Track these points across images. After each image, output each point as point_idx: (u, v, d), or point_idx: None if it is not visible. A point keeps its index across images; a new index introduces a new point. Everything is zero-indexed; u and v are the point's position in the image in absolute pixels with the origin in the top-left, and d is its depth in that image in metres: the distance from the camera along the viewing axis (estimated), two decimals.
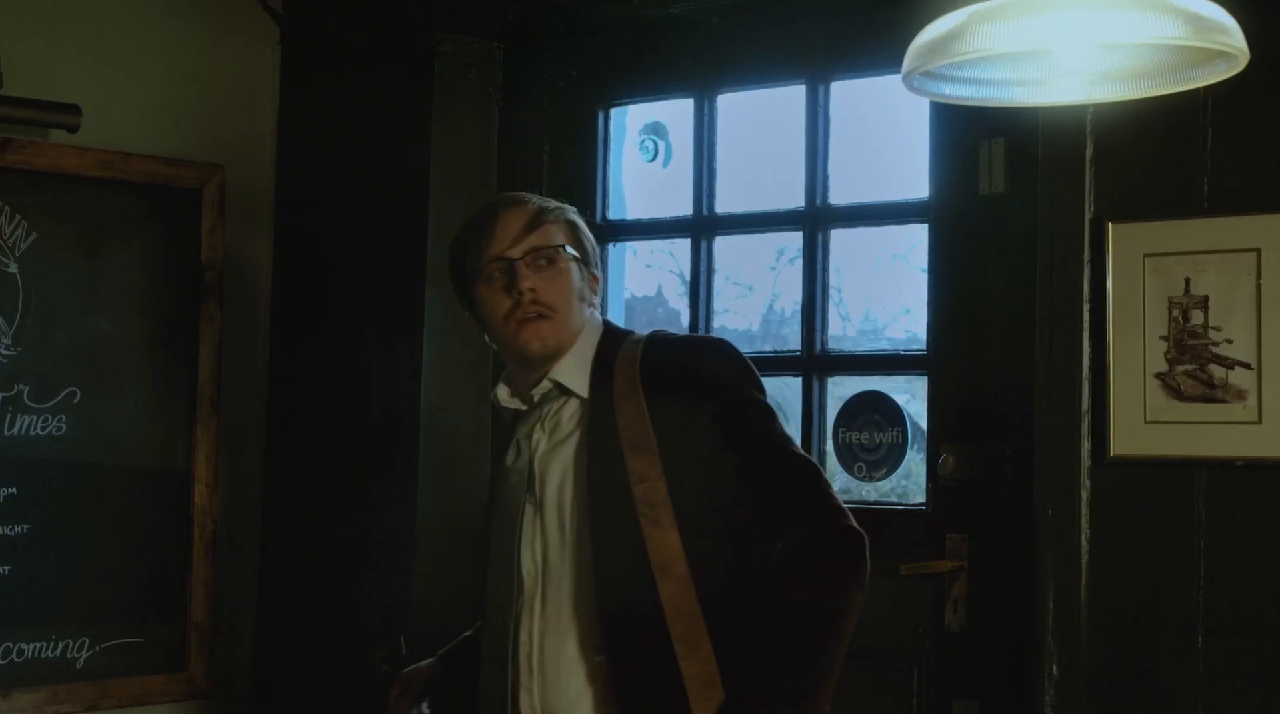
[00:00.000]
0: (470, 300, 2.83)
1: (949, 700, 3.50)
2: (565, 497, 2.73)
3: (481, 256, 2.76)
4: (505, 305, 2.75)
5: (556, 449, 2.77)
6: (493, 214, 2.80)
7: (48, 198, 3.88)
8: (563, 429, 2.78)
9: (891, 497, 3.75)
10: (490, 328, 2.81)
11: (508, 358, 2.85)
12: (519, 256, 2.74)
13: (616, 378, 2.73)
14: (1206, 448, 3.14)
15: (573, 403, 2.78)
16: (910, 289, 3.83)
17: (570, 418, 2.78)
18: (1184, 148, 3.17)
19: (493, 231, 2.77)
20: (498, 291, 2.75)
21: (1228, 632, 3.10)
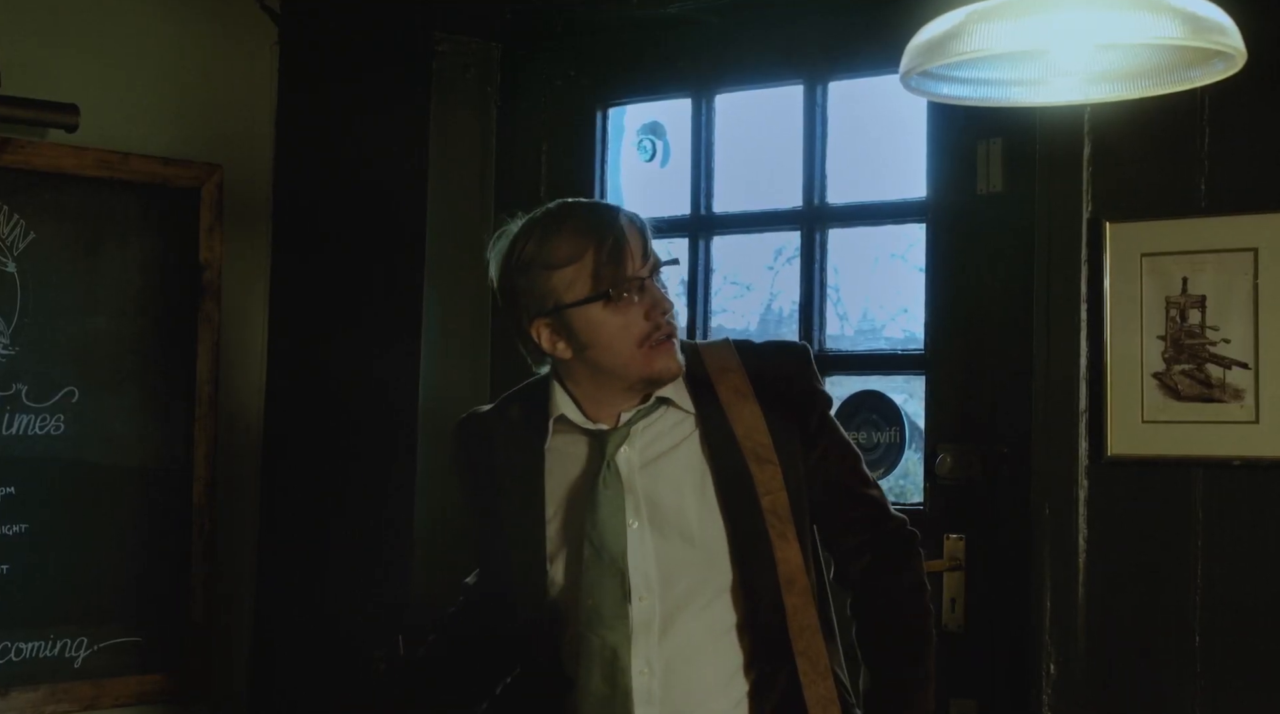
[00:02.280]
0: (562, 325, 2.59)
1: (946, 700, 3.50)
2: (688, 512, 2.60)
3: (611, 276, 2.53)
4: (641, 328, 2.55)
5: (658, 464, 2.63)
6: (611, 227, 2.58)
7: (46, 197, 3.88)
8: (662, 443, 2.64)
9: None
10: (606, 353, 2.58)
11: (607, 381, 2.63)
12: (648, 275, 2.58)
13: (720, 387, 2.64)
14: (1204, 447, 3.14)
15: (670, 416, 2.65)
16: (908, 289, 3.83)
17: (670, 431, 2.65)
18: (1181, 147, 3.17)
19: (622, 248, 2.55)
20: (632, 314, 2.55)
21: (1225, 631, 3.10)
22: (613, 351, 2.57)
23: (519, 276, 2.60)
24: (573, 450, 2.68)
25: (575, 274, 2.55)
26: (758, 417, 2.62)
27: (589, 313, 2.56)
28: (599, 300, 2.54)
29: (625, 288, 2.54)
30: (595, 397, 2.65)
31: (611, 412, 2.65)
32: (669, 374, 2.59)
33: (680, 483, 2.62)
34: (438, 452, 3.99)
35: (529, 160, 4.14)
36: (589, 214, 2.63)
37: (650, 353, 2.57)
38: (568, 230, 2.58)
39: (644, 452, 2.64)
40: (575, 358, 2.60)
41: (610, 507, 2.60)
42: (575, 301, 2.55)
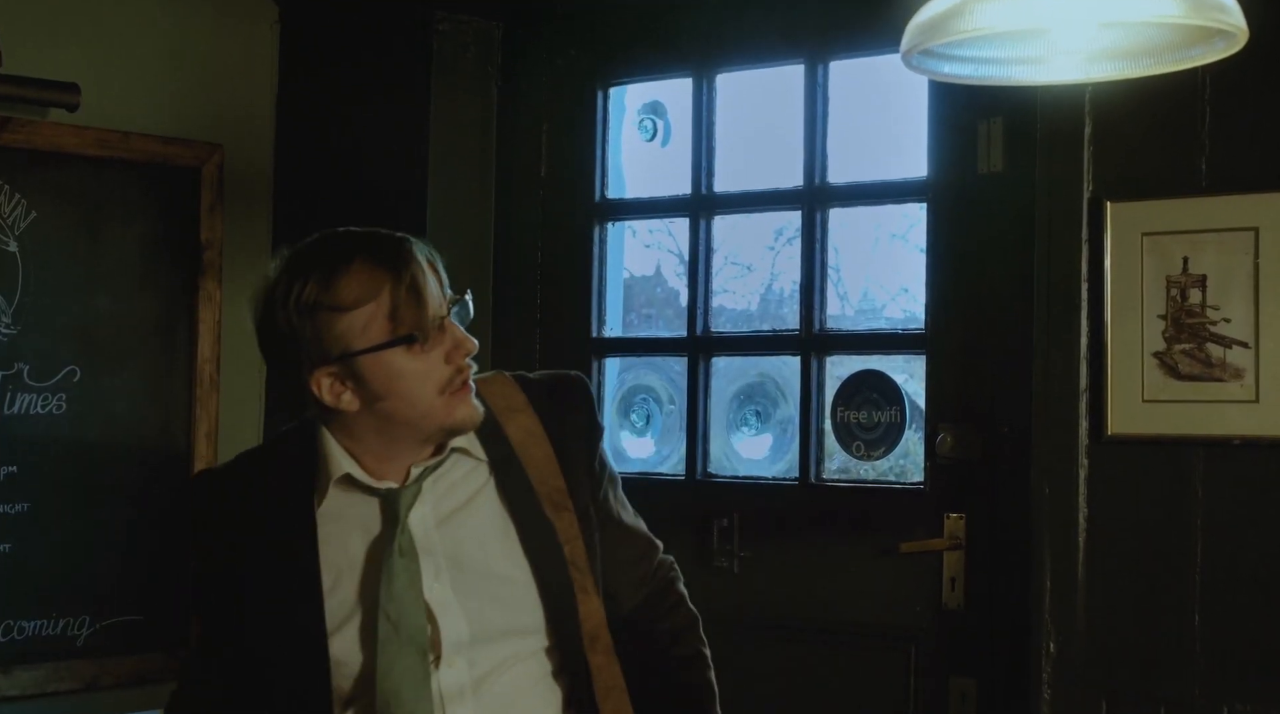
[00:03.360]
0: (349, 375, 2.25)
1: (946, 678, 3.51)
2: (495, 564, 2.33)
3: (412, 317, 2.22)
4: (442, 374, 2.26)
5: (456, 519, 2.33)
6: (406, 262, 2.26)
7: (47, 177, 3.89)
8: (456, 496, 2.34)
9: (889, 476, 3.76)
10: (403, 403, 2.27)
11: (400, 434, 2.30)
12: (446, 313, 2.28)
13: (510, 428, 2.37)
14: (1204, 426, 3.14)
15: (461, 465, 2.35)
16: (908, 269, 3.83)
17: (464, 482, 2.35)
18: (1182, 127, 3.17)
19: (421, 285, 2.24)
20: (431, 359, 2.25)
21: (1225, 610, 3.11)
22: (411, 401, 2.26)
23: (299, 321, 2.23)
24: (353, 513, 2.32)
25: (369, 317, 2.22)
26: (550, 459, 2.38)
27: (385, 360, 2.23)
28: (399, 345, 2.23)
29: (429, 329, 2.23)
30: (381, 451, 2.32)
31: (399, 467, 2.33)
32: (471, 422, 2.31)
33: (483, 535, 2.34)
34: None
35: (530, 140, 4.14)
36: (380, 247, 2.28)
37: (451, 401, 2.27)
38: (358, 267, 2.23)
39: (438, 507, 2.34)
40: (363, 410, 2.27)
41: (407, 575, 2.29)
42: (369, 347, 2.23)
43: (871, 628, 3.62)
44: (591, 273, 4.07)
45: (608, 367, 4.11)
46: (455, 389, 2.27)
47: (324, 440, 2.33)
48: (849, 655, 3.66)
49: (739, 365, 3.97)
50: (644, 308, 4.31)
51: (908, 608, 3.57)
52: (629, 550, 2.49)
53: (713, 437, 3.93)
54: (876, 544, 3.60)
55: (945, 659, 3.52)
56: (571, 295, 4.09)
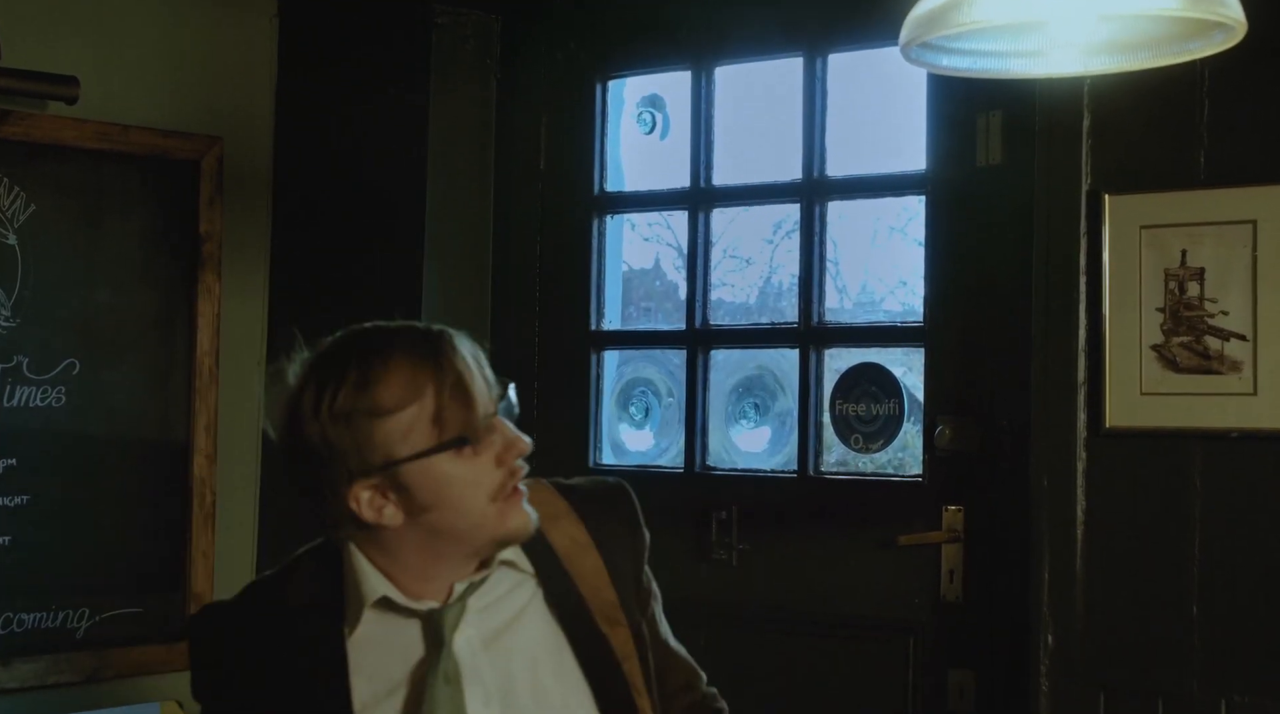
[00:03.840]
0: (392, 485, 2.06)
1: (945, 670, 3.52)
2: (550, 694, 2.14)
3: (461, 419, 2.04)
4: (494, 480, 2.07)
5: (504, 640, 2.14)
6: (449, 356, 2.08)
7: (46, 169, 3.88)
8: (501, 613, 2.15)
9: (888, 468, 3.76)
10: (453, 514, 2.08)
11: (445, 548, 2.11)
12: (493, 410, 2.10)
13: (554, 537, 2.19)
14: (1202, 419, 3.15)
15: (505, 580, 2.16)
16: (906, 263, 3.83)
17: (509, 598, 2.16)
18: (1181, 119, 3.17)
19: (466, 381, 2.06)
20: (481, 463, 2.07)
21: (1223, 602, 3.11)
22: (461, 511, 2.07)
23: (333, 431, 2.04)
24: (391, 639, 2.13)
25: (412, 421, 2.03)
26: (600, 570, 2.20)
27: (432, 467, 2.04)
28: (447, 450, 2.04)
29: (479, 431, 2.05)
30: (422, 570, 2.12)
31: (440, 585, 2.13)
32: (525, 532, 2.11)
33: (534, 658, 2.15)
34: None
35: (528, 133, 4.14)
36: (417, 343, 2.09)
37: (504, 508, 2.08)
38: (396, 366, 2.05)
39: (483, 627, 2.14)
40: (406, 524, 2.07)
41: (452, 706, 2.09)
42: (414, 455, 2.03)
43: (870, 621, 3.62)
44: (590, 265, 4.07)
45: (606, 359, 4.11)
46: (508, 495, 2.08)
47: (354, 561, 2.12)
48: (847, 648, 3.66)
49: (738, 358, 3.97)
50: (643, 301, 4.31)
51: (906, 601, 3.58)
52: (677, 677, 2.33)
53: (711, 429, 3.94)
54: (875, 537, 3.60)
55: (944, 652, 3.53)
56: (570, 288, 4.09)
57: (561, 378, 4.09)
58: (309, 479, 2.09)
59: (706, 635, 3.81)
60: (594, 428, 4.06)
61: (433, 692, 2.09)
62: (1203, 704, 3.11)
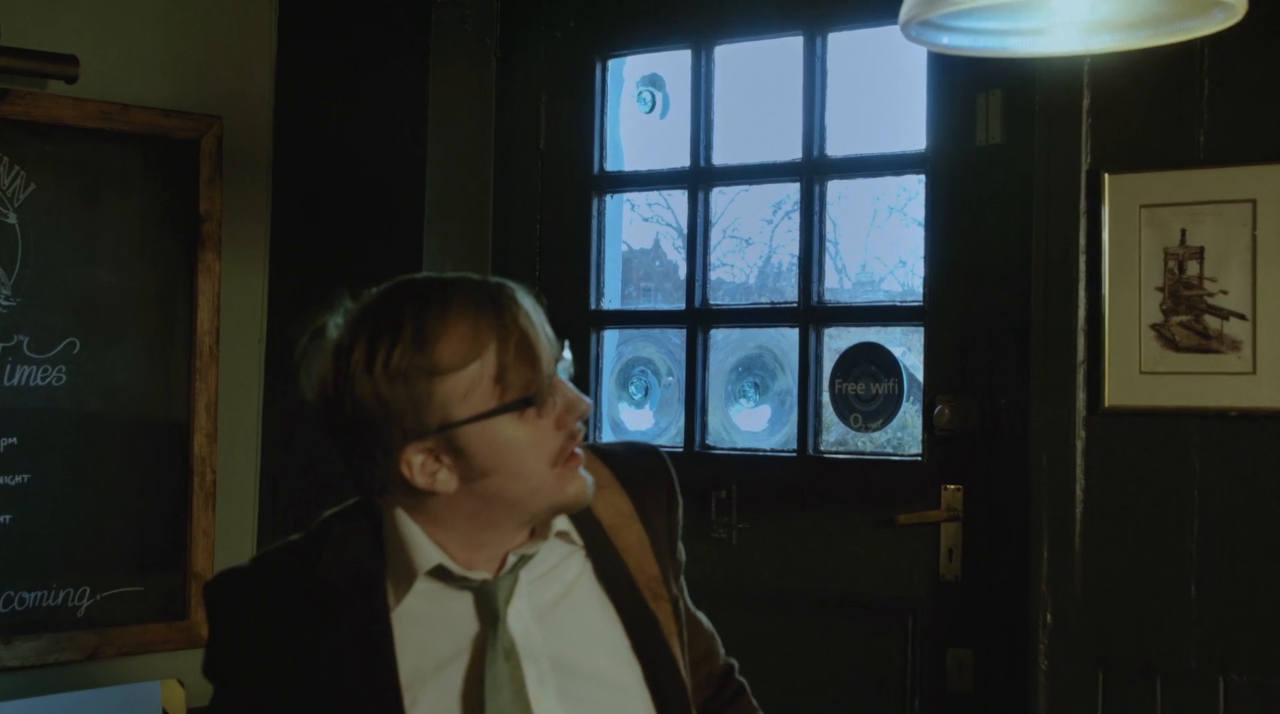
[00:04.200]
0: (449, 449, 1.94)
1: (944, 648, 3.52)
2: (606, 671, 2.05)
3: (524, 378, 1.92)
4: (554, 443, 1.96)
5: (557, 614, 2.04)
6: (512, 312, 1.95)
7: (46, 149, 3.88)
8: (553, 586, 2.06)
9: (887, 448, 3.77)
10: (513, 480, 1.96)
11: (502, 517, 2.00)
12: (554, 370, 1.98)
13: (600, 508, 2.09)
14: (1201, 398, 3.15)
15: (554, 552, 2.07)
16: (906, 243, 3.84)
17: (559, 570, 2.07)
18: (1181, 98, 3.17)
19: (531, 338, 1.94)
20: (543, 426, 1.96)
21: (1221, 580, 3.12)
22: (520, 477, 1.95)
23: (389, 390, 1.91)
24: (439, 613, 2.00)
25: (472, 380, 1.91)
26: (644, 543, 2.12)
27: (492, 430, 1.92)
28: (511, 411, 1.93)
29: (544, 392, 1.93)
30: (474, 538, 2.00)
31: (493, 555, 2.02)
32: (583, 498, 2.01)
33: (590, 633, 2.06)
34: None
35: (528, 112, 4.14)
36: (479, 295, 1.95)
37: (564, 473, 1.98)
38: (456, 320, 1.92)
39: (536, 601, 2.03)
40: (460, 490, 1.96)
41: (510, 687, 1.97)
42: (474, 416, 1.91)
43: (869, 599, 3.63)
44: (590, 245, 4.07)
45: (606, 338, 4.11)
46: (567, 459, 1.97)
47: (402, 528, 1.99)
48: (846, 626, 3.67)
49: (737, 337, 3.98)
50: (642, 281, 4.31)
51: (905, 579, 3.58)
52: (699, 645, 2.26)
53: (711, 408, 3.94)
54: (874, 516, 3.61)
55: (942, 630, 3.54)
56: (570, 267, 4.09)
57: None
58: (355, 442, 1.95)
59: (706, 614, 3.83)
60: (594, 407, 4.07)
61: (493, 669, 1.96)
62: (1200, 682, 3.12)
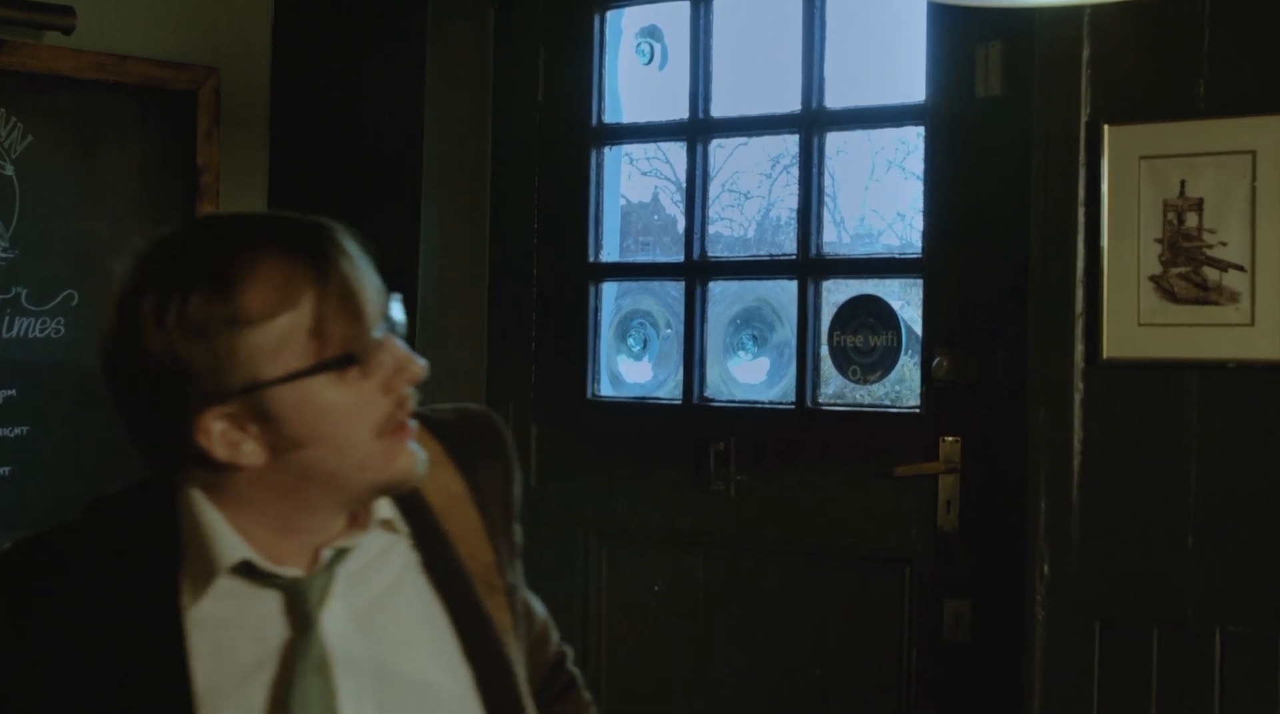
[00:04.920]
0: (255, 414, 1.63)
1: (941, 600, 3.53)
2: (435, 682, 1.76)
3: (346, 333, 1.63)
4: (379, 410, 1.67)
5: (378, 618, 1.75)
6: (334, 256, 1.65)
7: (43, 100, 3.87)
8: (374, 584, 1.76)
9: (885, 400, 3.77)
10: (333, 452, 1.66)
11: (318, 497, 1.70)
12: (384, 327, 1.70)
13: (427, 485, 1.80)
14: (1199, 350, 3.15)
15: (375, 543, 1.77)
16: (904, 197, 3.84)
17: (380, 564, 1.77)
18: (1181, 49, 3.15)
19: (355, 287, 1.66)
20: (367, 390, 1.66)
21: (1218, 531, 3.12)
22: (341, 449, 1.66)
23: (184, 344, 1.61)
24: (242, 616, 1.69)
25: (284, 333, 1.61)
26: (478, 527, 1.85)
27: (306, 392, 1.63)
28: (329, 371, 1.63)
29: (367, 349, 1.65)
30: (283, 524, 1.70)
31: (304, 547, 1.72)
32: (413, 477, 1.72)
33: (416, 637, 1.77)
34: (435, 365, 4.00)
35: (526, 64, 4.12)
36: (296, 235, 1.66)
37: (392, 445, 1.69)
38: (268, 263, 1.62)
39: (354, 601, 1.74)
40: (268, 464, 1.66)
41: (321, 702, 1.68)
42: (286, 376, 1.62)
43: (867, 551, 3.64)
44: (588, 197, 4.06)
45: (605, 291, 4.11)
46: (395, 429, 1.69)
47: (199, 513, 1.69)
48: (844, 579, 3.68)
49: (735, 290, 3.97)
50: (641, 235, 4.31)
51: (903, 531, 3.59)
52: (534, 635, 1.99)
53: (710, 361, 3.94)
54: (872, 468, 3.61)
55: (940, 582, 3.55)
56: (569, 220, 4.08)
57: (560, 310, 4.09)
58: (143, 406, 1.69)
59: (704, 566, 3.85)
60: (592, 360, 4.07)
61: (302, 682, 1.67)
62: (1198, 633, 3.13)
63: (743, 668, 3.79)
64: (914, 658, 3.57)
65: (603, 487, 3.99)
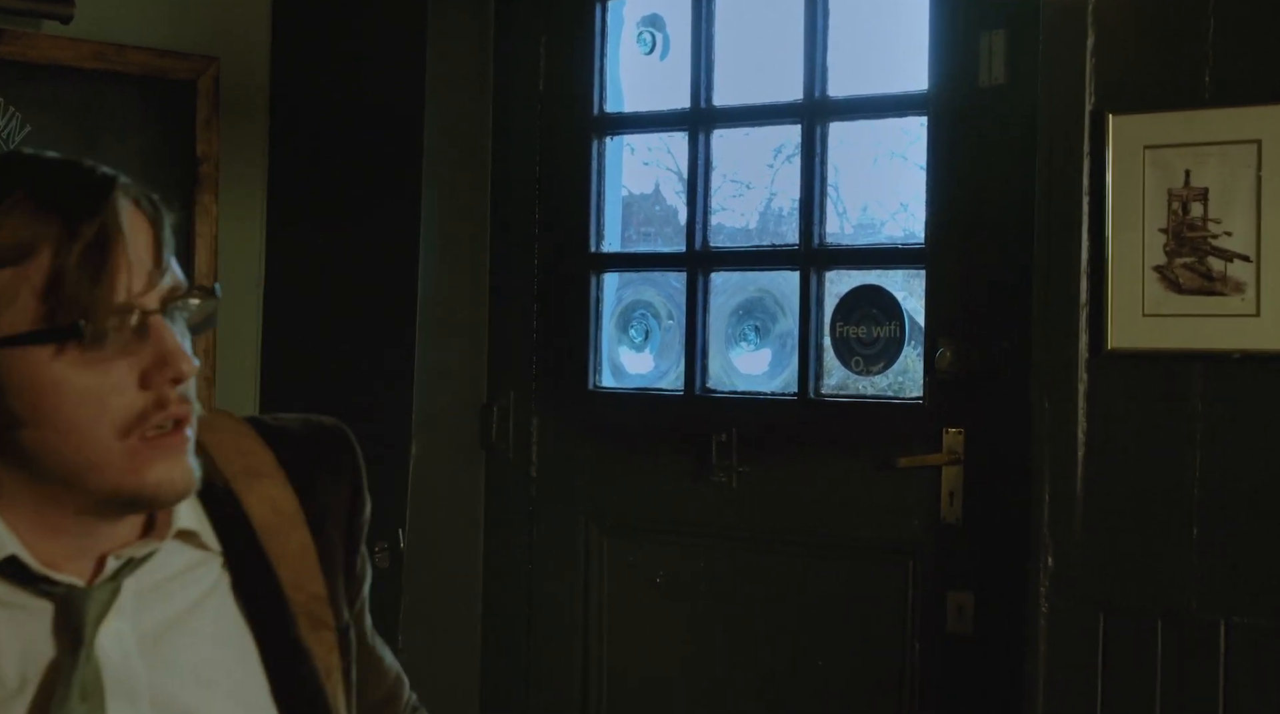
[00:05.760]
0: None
1: (944, 592, 3.52)
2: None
3: (81, 296, 1.40)
4: (128, 405, 1.42)
5: (168, 642, 1.52)
6: (94, 203, 1.43)
7: (42, 90, 3.86)
8: (170, 604, 1.53)
9: (888, 391, 3.75)
10: (60, 441, 1.42)
11: (63, 497, 1.46)
12: (157, 306, 1.45)
13: (250, 499, 1.60)
14: (1204, 341, 3.13)
15: (178, 557, 1.55)
16: (907, 187, 3.82)
17: (180, 583, 1.55)
18: (1186, 38, 3.14)
19: (109, 243, 1.42)
20: (115, 376, 1.42)
21: (1223, 524, 3.11)
22: (72, 440, 1.42)
23: None
24: (7, 624, 1.46)
25: (12, 287, 1.40)
26: (309, 553, 1.62)
27: (30, 363, 1.40)
28: (48, 341, 1.40)
29: (106, 322, 1.40)
30: (42, 521, 1.47)
31: (81, 551, 1.49)
32: (172, 493, 1.47)
33: (210, 668, 1.54)
34: (436, 347, 3.99)
35: (527, 53, 4.11)
36: (53, 176, 1.46)
37: (142, 451, 1.44)
38: (14, 202, 1.41)
39: (143, 620, 1.51)
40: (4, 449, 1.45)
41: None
42: (6, 338, 1.40)
43: (869, 542, 3.63)
44: (590, 187, 4.05)
45: (606, 282, 4.09)
46: (150, 434, 1.44)
47: None
48: (847, 570, 3.67)
49: (737, 281, 3.96)
50: (643, 226, 4.29)
51: (906, 522, 3.58)
52: (379, 688, 1.78)
53: (711, 352, 3.93)
54: (875, 459, 3.60)
55: (943, 573, 3.53)
56: (570, 210, 4.07)
57: (561, 300, 4.07)
58: None
59: (706, 558, 3.84)
60: (593, 351, 4.06)
61: (63, 710, 1.43)
62: (1201, 625, 3.12)
63: (744, 660, 3.78)
64: (917, 650, 3.56)
65: (604, 478, 3.98)
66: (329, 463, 1.69)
